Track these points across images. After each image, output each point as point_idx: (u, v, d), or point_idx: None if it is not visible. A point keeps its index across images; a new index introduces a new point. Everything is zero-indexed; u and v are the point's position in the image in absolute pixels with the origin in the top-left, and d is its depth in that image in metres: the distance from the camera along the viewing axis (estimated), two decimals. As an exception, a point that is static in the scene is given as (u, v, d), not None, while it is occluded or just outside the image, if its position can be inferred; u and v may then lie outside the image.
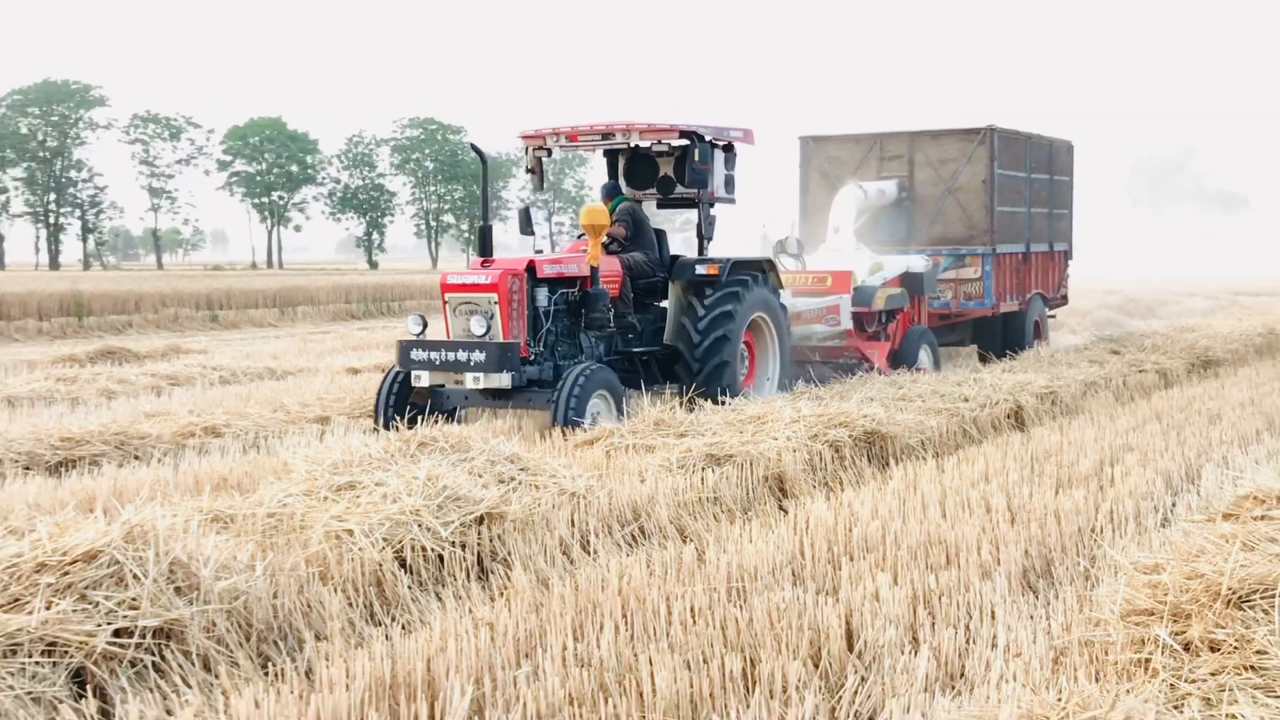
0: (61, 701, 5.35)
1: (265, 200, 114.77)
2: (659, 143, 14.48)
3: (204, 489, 9.36)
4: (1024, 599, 6.80)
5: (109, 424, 12.20)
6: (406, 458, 9.05)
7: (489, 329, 12.27)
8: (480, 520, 7.79)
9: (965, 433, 12.15)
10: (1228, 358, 19.87)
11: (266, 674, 5.94)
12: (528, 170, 14.76)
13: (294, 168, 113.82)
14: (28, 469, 10.73)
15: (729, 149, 14.59)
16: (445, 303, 12.76)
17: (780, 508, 9.23)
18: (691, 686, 5.35)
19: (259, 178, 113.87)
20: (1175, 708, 4.80)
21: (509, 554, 7.66)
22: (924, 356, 17.15)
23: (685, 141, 14.14)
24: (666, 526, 8.51)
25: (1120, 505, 8.72)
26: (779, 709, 5.16)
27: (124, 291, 37.23)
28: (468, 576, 7.33)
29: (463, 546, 7.54)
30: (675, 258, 14.43)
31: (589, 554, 7.92)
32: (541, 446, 10.62)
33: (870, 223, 19.51)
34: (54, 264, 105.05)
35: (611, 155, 15.44)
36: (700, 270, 13.85)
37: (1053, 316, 22.88)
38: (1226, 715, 4.73)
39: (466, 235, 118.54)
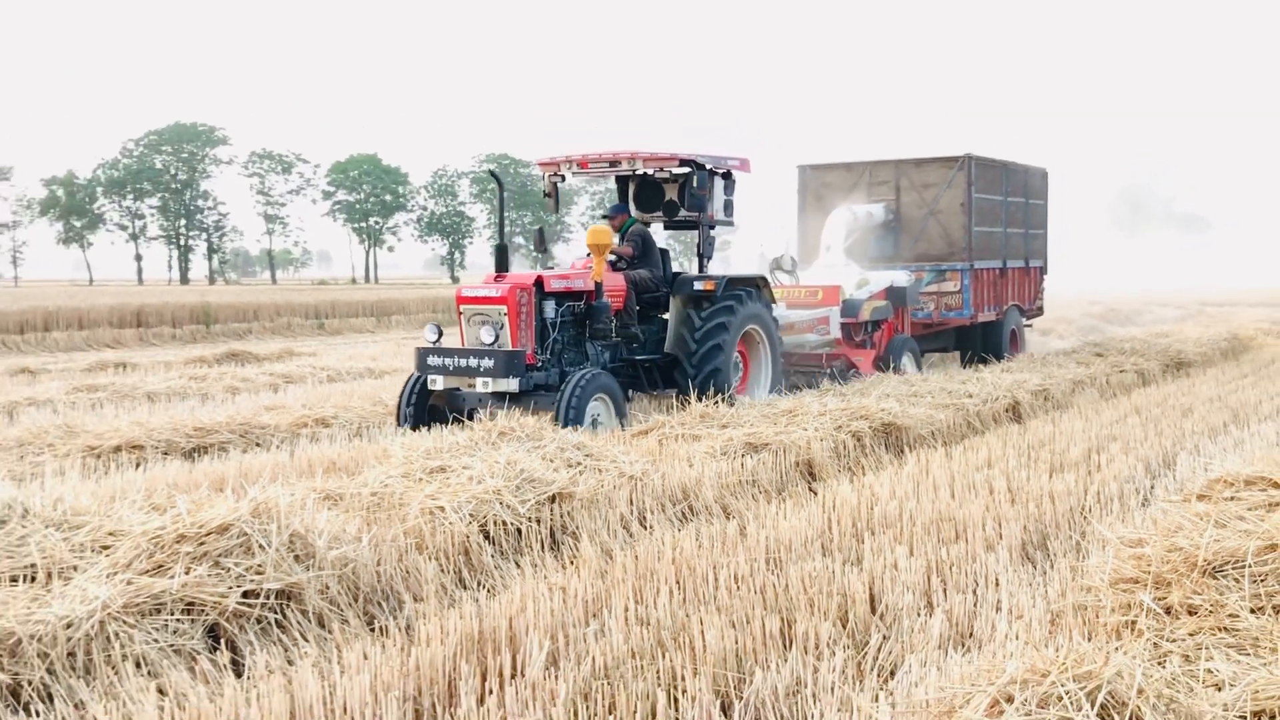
0: (199, 653, 5.39)
1: (363, 225, 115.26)
2: (661, 170, 13.99)
3: (316, 471, 9.41)
4: (1023, 569, 6.74)
5: (234, 416, 12.26)
6: (489, 445, 9.05)
7: (497, 338, 11.86)
8: (552, 499, 7.79)
9: (969, 424, 12.04)
10: (1197, 360, 19.66)
11: (372, 630, 5.96)
12: (545, 194, 14.46)
13: (387, 197, 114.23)
14: (166, 454, 10.81)
15: (727, 176, 14.21)
16: (460, 313, 12.42)
17: (810, 489, 9.17)
18: (737, 643, 5.31)
19: (358, 205, 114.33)
20: (1159, 663, 4.75)
21: (577, 528, 7.65)
22: (907, 362, 16.75)
23: (686, 169, 13.81)
24: (712, 505, 8.48)
25: (1106, 487, 8.63)
26: (813, 663, 5.12)
27: (244, 303, 37.46)
28: (542, 547, 7.33)
29: (537, 521, 7.53)
30: (678, 274, 14.01)
31: (645, 528, 7.90)
32: (603, 436, 10.58)
33: (861, 242, 19.08)
34: (184, 279, 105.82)
35: (623, 181, 14.98)
36: (698, 286, 13.47)
37: (1029, 326, 22.36)
38: (1204, 670, 4.67)
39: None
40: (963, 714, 3.87)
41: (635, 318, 13.39)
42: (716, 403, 11.81)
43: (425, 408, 12.19)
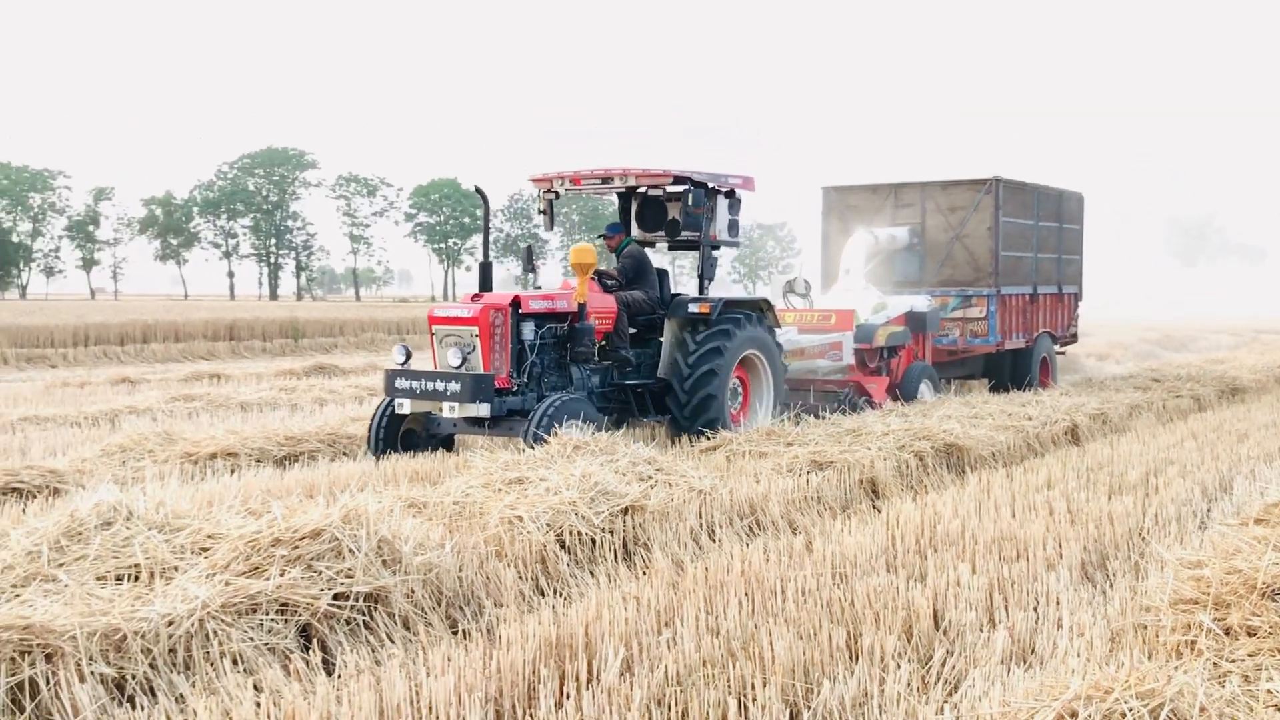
0: (292, 652, 5.45)
1: (442, 245, 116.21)
2: (654, 187, 13.10)
3: (401, 480, 9.50)
4: (1084, 588, 6.66)
5: (322, 426, 12.40)
6: (564, 459, 9.08)
7: (465, 360, 10.93)
8: (625, 511, 7.79)
9: (1029, 446, 11.91)
10: (1253, 386, 19.32)
11: (455, 633, 6.00)
12: (540, 211, 13.47)
13: (466, 219, 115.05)
14: (259, 461, 10.96)
15: (730, 195, 13.17)
16: (432, 334, 11.50)
17: (874, 507, 9.11)
18: (804, 654, 5.29)
19: (438, 227, 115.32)
20: (1219, 682, 4.68)
21: (649, 540, 7.65)
22: (925, 390, 15.84)
23: (682, 186, 12.80)
24: (779, 520, 8.45)
25: (1164, 510, 8.52)
26: (879, 675, 5.09)
27: (330, 318, 37.91)
28: (615, 558, 7.33)
29: (611, 532, 7.54)
30: (675, 296, 12.99)
31: (714, 541, 7.88)
32: (673, 451, 10.60)
33: (885, 265, 18.26)
34: (274, 295, 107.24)
35: (624, 199, 13.93)
36: (693, 309, 12.47)
37: (1062, 353, 21.23)
38: (1264, 690, 4.60)
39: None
40: (1029, 726, 3.83)
41: (627, 340, 12.44)
42: (708, 435, 11.33)
43: (397, 432, 11.48)
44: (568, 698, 4.78)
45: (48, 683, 4.76)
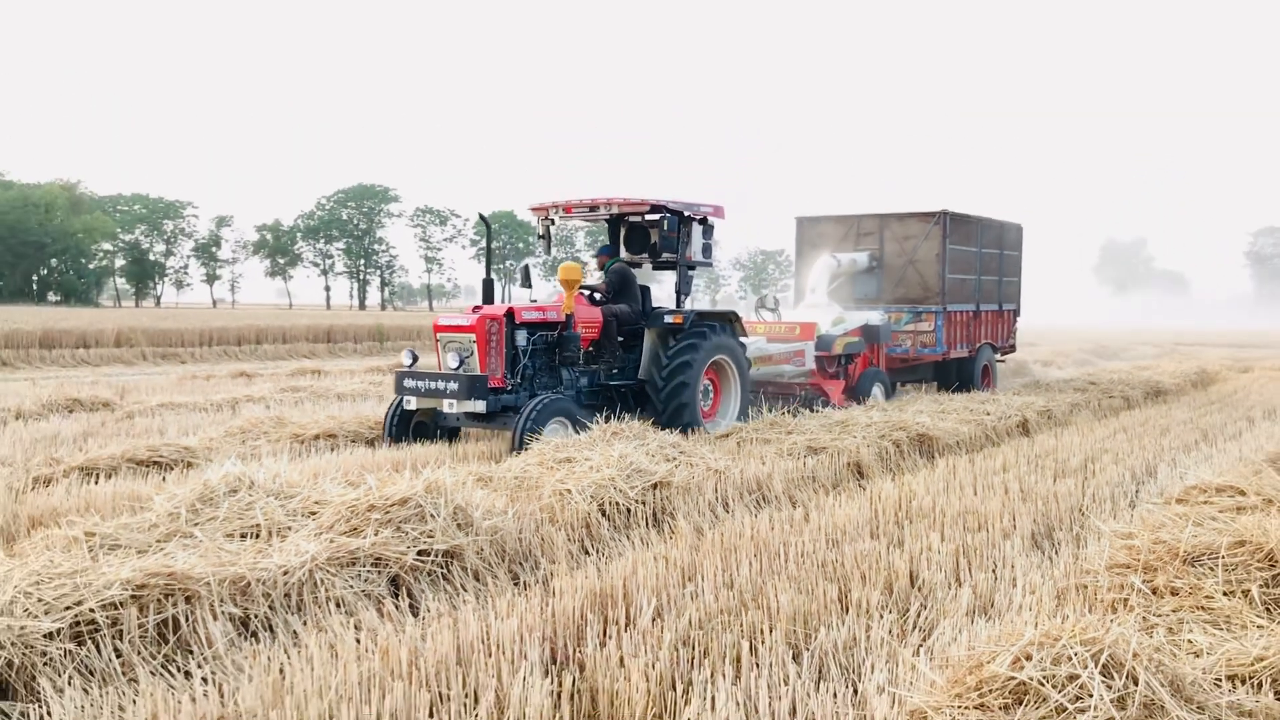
0: (385, 598, 5.50)
1: (500, 266, 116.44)
2: (634, 214, 12.69)
3: (471, 458, 9.55)
4: (1034, 554, 6.62)
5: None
6: (604, 442, 9.10)
7: (462, 363, 10.63)
8: (655, 486, 7.79)
9: (987, 437, 11.82)
10: (1173, 389, 19.14)
11: (516, 585, 6.02)
12: (539, 236, 13.01)
13: (520, 244, 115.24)
14: (353, 441, 11.01)
15: (703, 221, 12.75)
16: (437, 341, 11.12)
17: (859, 485, 9.10)
18: (804, 606, 5.30)
19: (497, 251, 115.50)
20: (1147, 633, 4.66)
21: (674, 510, 7.65)
22: (877, 391, 15.53)
23: (657, 215, 12.42)
24: (781, 496, 8.44)
25: (1100, 491, 8.47)
26: (865, 623, 5.10)
27: (410, 325, 38.01)
28: (647, 525, 7.34)
29: (643, 503, 7.54)
30: (656, 309, 12.59)
31: (728, 512, 7.88)
32: (694, 438, 10.60)
33: (848, 285, 17.96)
34: (362, 305, 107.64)
35: (614, 225, 13.34)
36: (668, 319, 12.13)
37: (1002, 361, 20.65)
38: (1186, 640, 4.58)
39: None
40: (990, 667, 3.83)
41: (616, 346, 12.02)
42: (685, 433, 11.01)
43: (409, 425, 11.12)
44: (610, 638, 4.80)
45: (186, 620, 4.82)
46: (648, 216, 12.86)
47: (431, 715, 4.00)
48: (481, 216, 11.88)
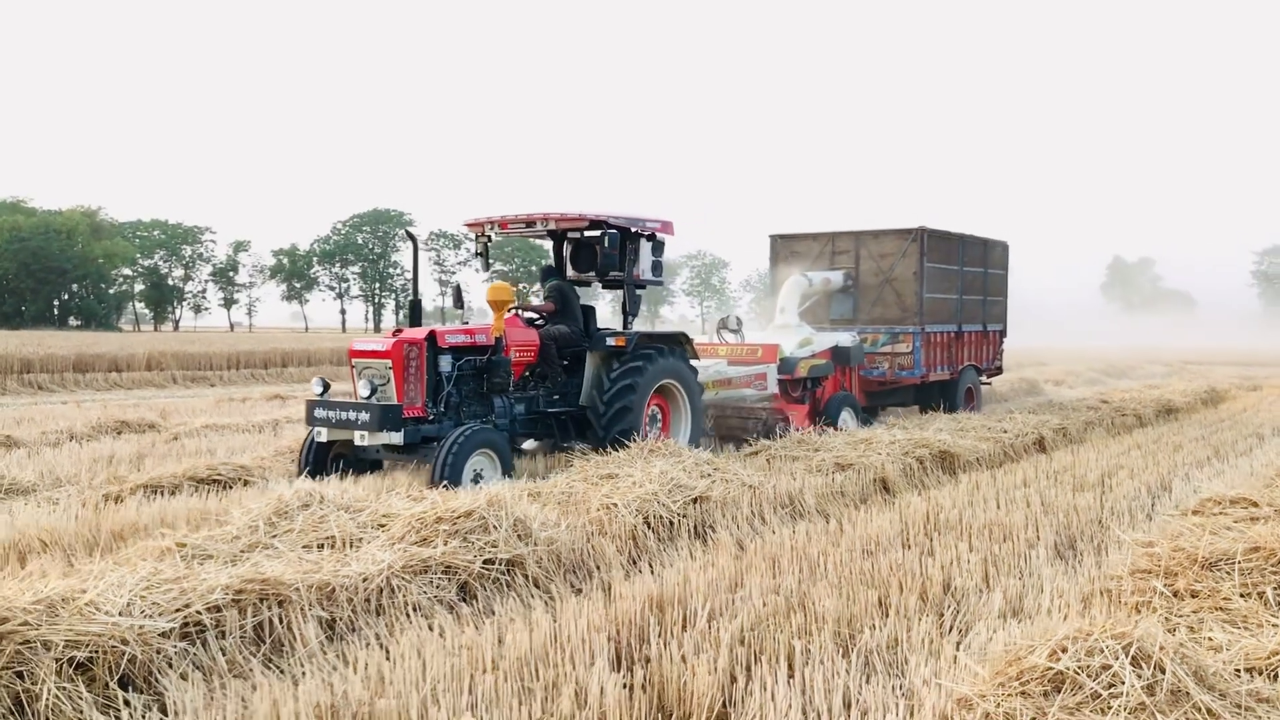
0: (455, 604, 5.86)
1: (514, 289, 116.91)
2: (571, 229, 11.98)
3: (521, 475, 9.90)
4: (1058, 563, 6.95)
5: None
6: (642, 459, 9.45)
7: (375, 391, 9.79)
8: (694, 500, 8.15)
9: (1005, 454, 12.15)
10: (1184, 407, 19.42)
11: (574, 592, 6.37)
12: (475, 254, 12.24)
13: (533, 268, 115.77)
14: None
15: (652, 238, 11.98)
16: (352, 367, 10.29)
17: (886, 500, 9.43)
18: (846, 609, 5.64)
19: (509, 274, 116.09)
20: (1170, 631, 5.00)
21: (714, 523, 7.99)
22: (846, 416, 14.59)
23: (597, 231, 11.66)
24: (813, 510, 8.76)
25: (1118, 504, 8.79)
26: (906, 624, 5.44)
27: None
28: (690, 536, 7.70)
29: (684, 517, 7.89)
30: (600, 330, 11.75)
31: (765, 525, 8.21)
32: (725, 455, 10.92)
33: (823, 304, 17.13)
34: (377, 328, 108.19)
35: (558, 241, 12.52)
36: (610, 342, 11.37)
37: (988, 384, 19.68)
38: (1206, 637, 4.92)
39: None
40: (1030, 659, 4.18)
41: (557, 370, 11.30)
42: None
43: (325, 458, 10.19)
44: (672, 637, 5.15)
45: (281, 621, 5.18)
46: (587, 233, 12.13)
47: (520, 704, 4.35)
48: (408, 233, 11.25)
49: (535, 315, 11.78)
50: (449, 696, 4.30)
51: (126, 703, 4.35)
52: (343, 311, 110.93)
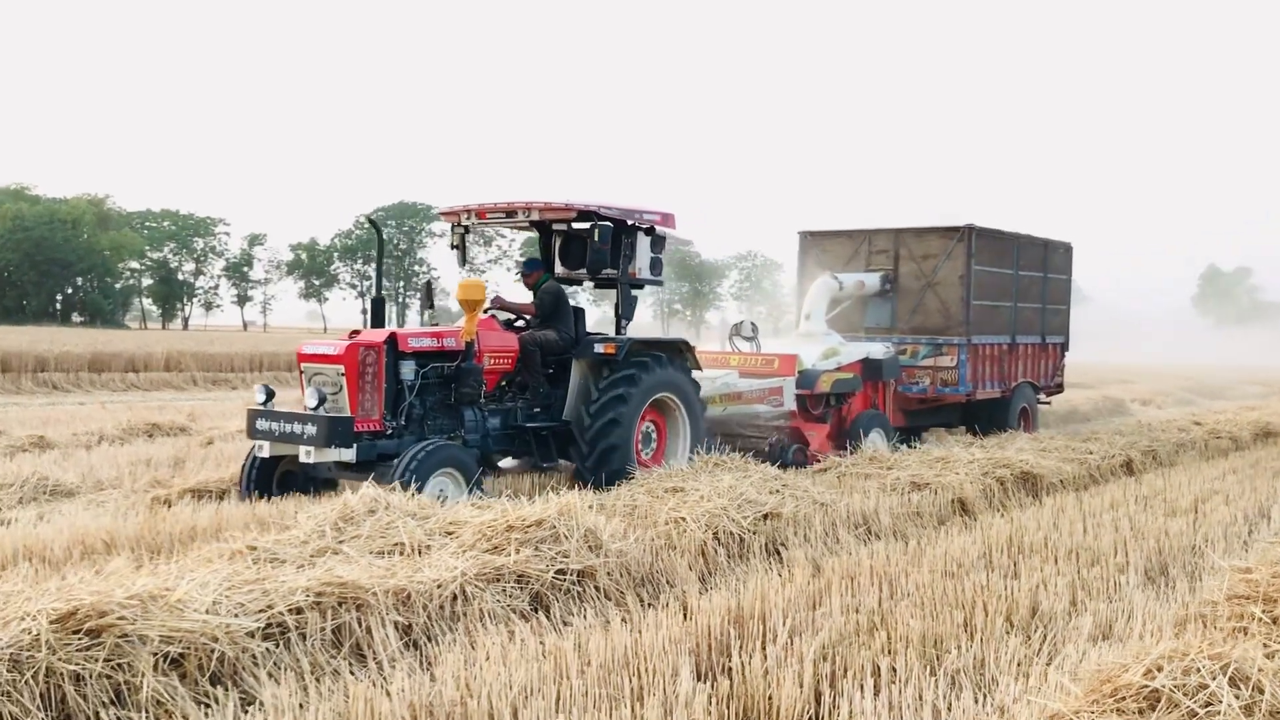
0: (528, 613, 6.28)
1: (571, 290, 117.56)
2: (557, 221, 11.45)
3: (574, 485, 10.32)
4: (1149, 588, 7.25)
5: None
6: (707, 473, 9.86)
7: (323, 400, 9.28)
8: (765, 516, 8.54)
9: (1091, 476, 12.41)
10: (1284, 431, 19.54)
11: (644, 605, 6.76)
12: (452, 246, 11.81)
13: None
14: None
15: (650, 232, 11.42)
16: (301, 373, 9.84)
17: (965, 522, 9.75)
18: (931, 629, 5.99)
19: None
20: (1268, 657, 5.31)
21: (785, 540, 8.37)
22: (876, 439, 13.82)
23: (586, 223, 11.17)
24: (887, 529, 9.11)
25: (1212, 530, 9.06)
26: (993, 646, 5.78)
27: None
28: (763, 553, 8.08)
29: (755, 533, 8.29)
30: (589, 335, 11.27)
31: (839, 544, 8.57)
32: (793, 472, 11.24)
33: (857, 311, 16.45)
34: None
35: (546, 235, 12.13)
36: (599, 349, 10.83)
37: (1047, 403, 18.98)
38: (1306, 664, 5.21)
39: (689, 319, 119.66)
40: (1124, 677, 4.51)
41: (540, 380, 10.86)
42: (610, 486, 9.81)
43: (271, 476, 9.88)
44: (755, 650, 5.53)
45: (360, 625, 5.62)
46: (575, 225, 11.61)
47: (608, 713, 4.75)
48: (370, 221, 10.96)
49: (513, 316, 11.34)
50: (536, 700, 4.71)
51: (217, 700, 4.79)
52: (364, 311, 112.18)
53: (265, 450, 9.60)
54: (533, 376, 10.81)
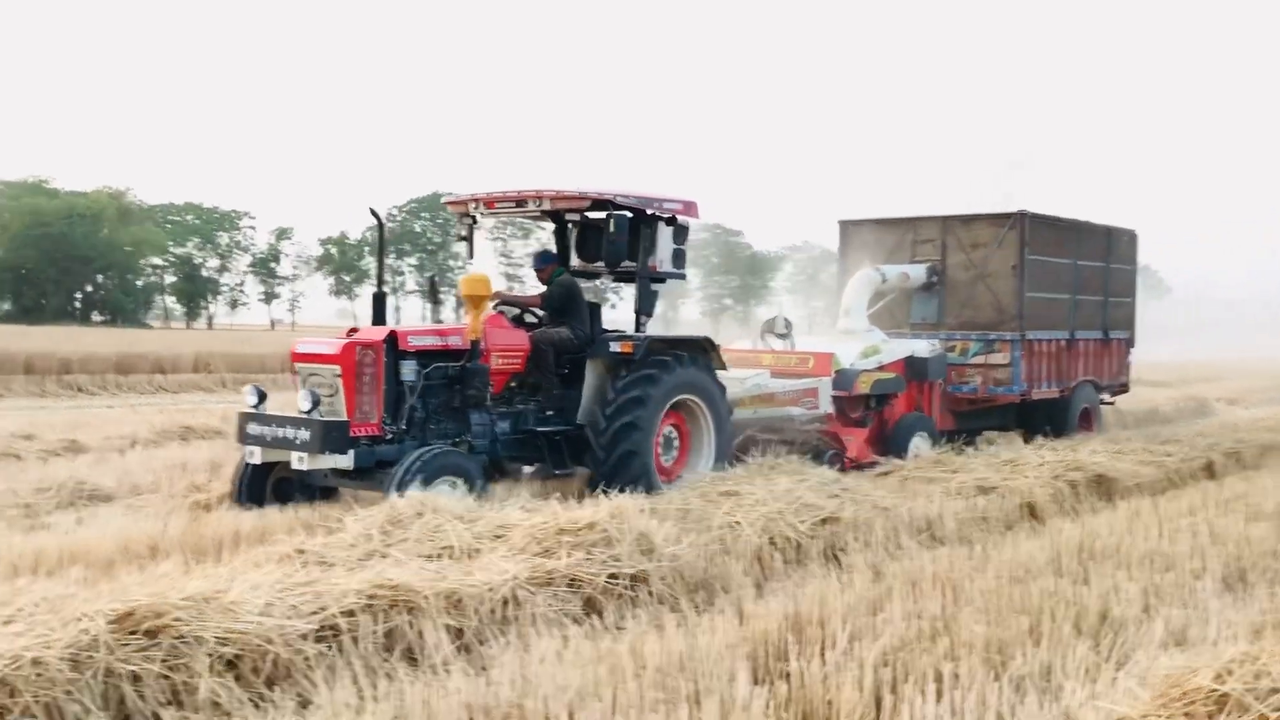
0: (580, 618, 6.56)
1: (589, 285, 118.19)
2: (570, 210, 11.29)
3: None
4: (1226, 595, 7.39)
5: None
6: (762, 476, 10.09)
7: (317, 403, 9.18)
8: (823, 521, 8.78)
9: (1169, 480, 12.53)
10: (1381, 432, 19.43)
11: (698, 611, 7.01)
12: (460, 238, 11.68)
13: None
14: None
15: (672, 222, 11.23)
16: (296, 373, 9.84)
17: (1033, 527, 9.92)
18: (996, 635, 6.19)
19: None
20: (1349, 665, 5.47)
21: (845, 545, 8.60)
22: (920, 443, 13.74)
23: (601, 212, 10.94)
24: (952, 534, 9.30)
25: (1297, 536, 9.18)
26: (1060, 651, 5.98)
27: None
28: (822, 559, 8.32)
29: (813, 538, 8.53)
30: (605, 333, 11.14)
31: (901, 549, 8.77)
32: (853, 475, 11.44)
33: (902, 305, 16.25)
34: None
35: (561, 226, 12.04)
36: (615, 348, 10.65)
37: (1111, 403, 18.52)
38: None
39: (741, 314, 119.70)
40: (1193, 680, 4.71)
41: (553, 381, 10.72)
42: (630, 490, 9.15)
43: (265, 484, 9.82)
44: (814, 655, 5.76)
45: (411, 628, 5.93)
46: (590, 215, 11.49)
47: (665, 716, 5.01)
48: (372, 211, 10.54)
49: (521, 312, 11.28)
50: (593, 702, 4.98)
51: (274, 702, 5.10)
52: (397, 308, 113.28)
53: (256, 456, 9.53)
54: (545, 377, 10.71)
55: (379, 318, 10.37)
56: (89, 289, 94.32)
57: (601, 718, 4.92)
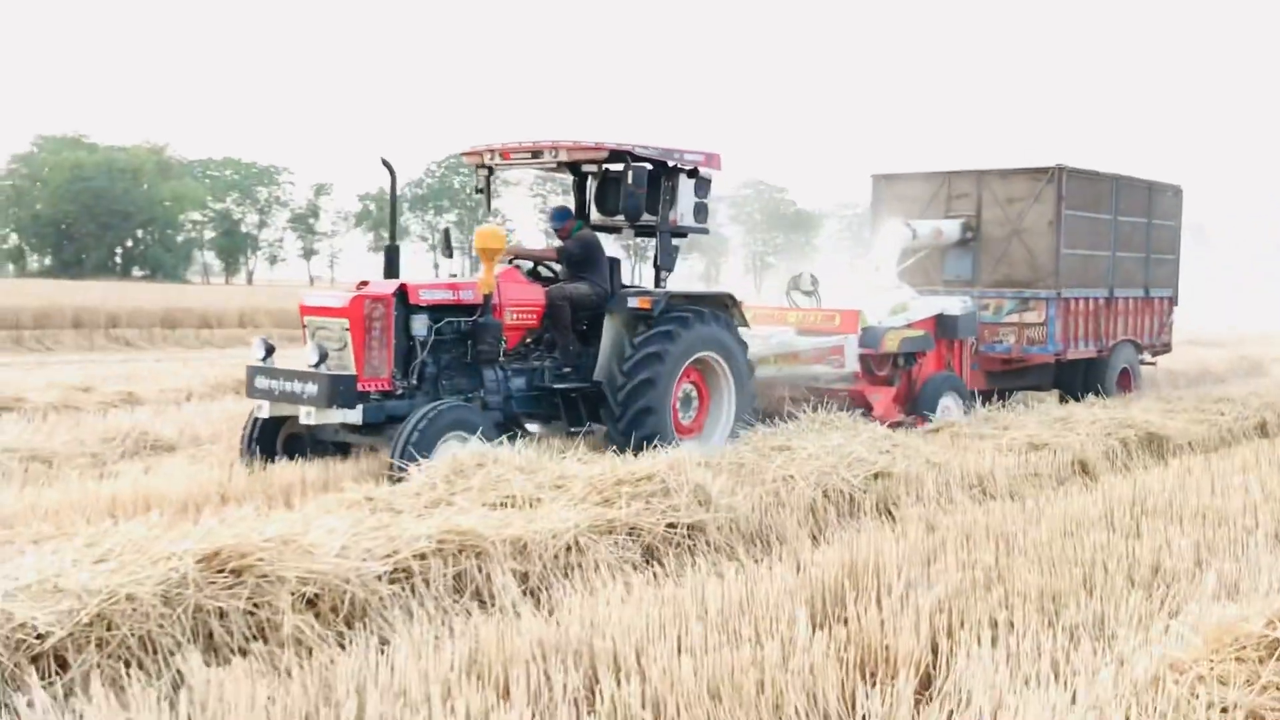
0: (639, 565, 6.83)
1: (630, 243, 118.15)
2: (587, 162, 11.11)
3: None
4: (1279, 550, 7.57)
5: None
6: (814, 432, 10.33)
7: (324, 357, 9.19)
8: (875, 475, 9.00)
9: (1222, 438, 12.66)
10: None
11: (755, 561, 7.27)
12: (476, 190, 11.57)
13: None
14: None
15: (694, 174, 11.12)
16: (305, 326, 9.81)
17: (1085, 483, 10.10)
18: (1049, 585, 6.41)
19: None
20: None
21: (897, 499, 8.82)
22: (950, 403, 13.57)
23: (619, 163, 10.83)
24: (1003, 489, 9.50)
25: (1352, 495, 9.30)
26: (1113, 601, 6.19)
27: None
28: (875, 512, 8.54)
29: (866, 492, 8.76)
30: (624, 288, 11.13)
31: (953, 504, 9.00)
32: (904, 431, 11.63)
33: (935, 262, 16.07)
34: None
35: (580, 180, 11.89)
36: (633, 303, 10.60)
37: (1152, 363, 18.35)
38: None
39: (785, 273, 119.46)
40: (1246, 627, 4.91)
41: (569, 338, 10.70)
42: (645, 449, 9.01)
43: (275, 438, 9.80)
44: (869, 604, 6.00)
45: (480, 572, 6.21)
46: (609, 167, 11.36)
47: (731, 652, 5.27)
48: (384, 161, 10.20)
49: (536, 266, 11.30)
50: (659, 642, 5.24)
51: (352, 640, 5.40)
52: (435, 265, 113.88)
53: (265, 410, 9.54)
54: (561, 333, 10.68)
55: (391, 271, 10.33)
56: (129, 244, 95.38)
57: (668, 658, 5.17)
